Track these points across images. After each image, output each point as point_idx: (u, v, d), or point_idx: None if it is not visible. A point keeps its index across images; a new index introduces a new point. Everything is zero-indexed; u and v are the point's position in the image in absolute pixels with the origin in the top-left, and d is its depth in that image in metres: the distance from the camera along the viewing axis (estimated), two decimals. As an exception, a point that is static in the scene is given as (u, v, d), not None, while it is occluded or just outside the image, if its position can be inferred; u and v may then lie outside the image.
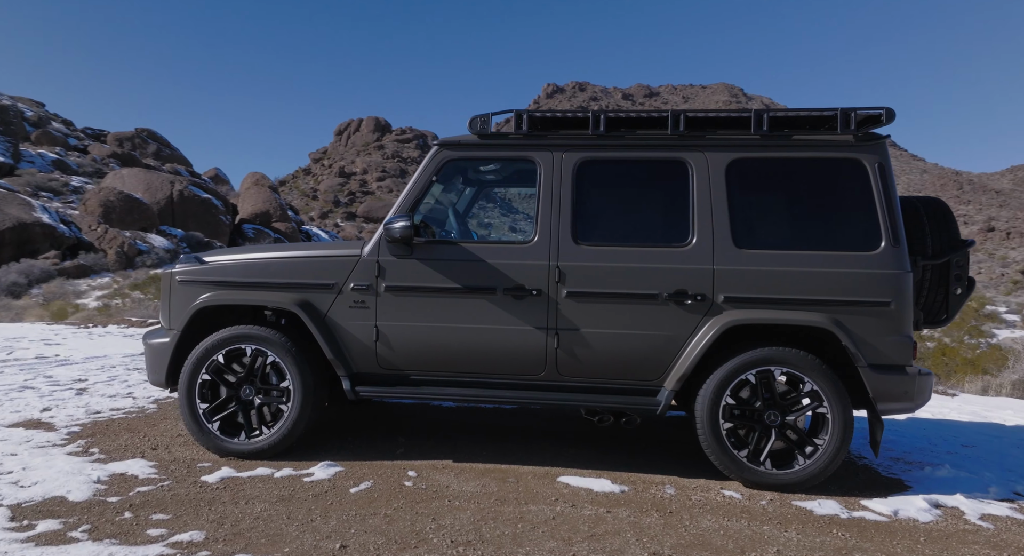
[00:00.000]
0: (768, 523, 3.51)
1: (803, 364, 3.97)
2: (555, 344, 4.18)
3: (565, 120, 4.32)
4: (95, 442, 4.63)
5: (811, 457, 3.97)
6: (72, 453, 4.37)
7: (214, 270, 4.46)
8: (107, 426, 5.07)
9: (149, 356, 4.45)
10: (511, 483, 4.00)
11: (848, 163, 4.13)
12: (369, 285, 4.31)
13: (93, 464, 4.14)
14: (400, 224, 4.13)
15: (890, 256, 4.01)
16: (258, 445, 4.31)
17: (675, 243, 4.17)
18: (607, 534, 3.30)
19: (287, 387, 4.32)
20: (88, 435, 4.80)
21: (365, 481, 3.96)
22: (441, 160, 4.37)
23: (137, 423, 5.18)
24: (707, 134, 4.22)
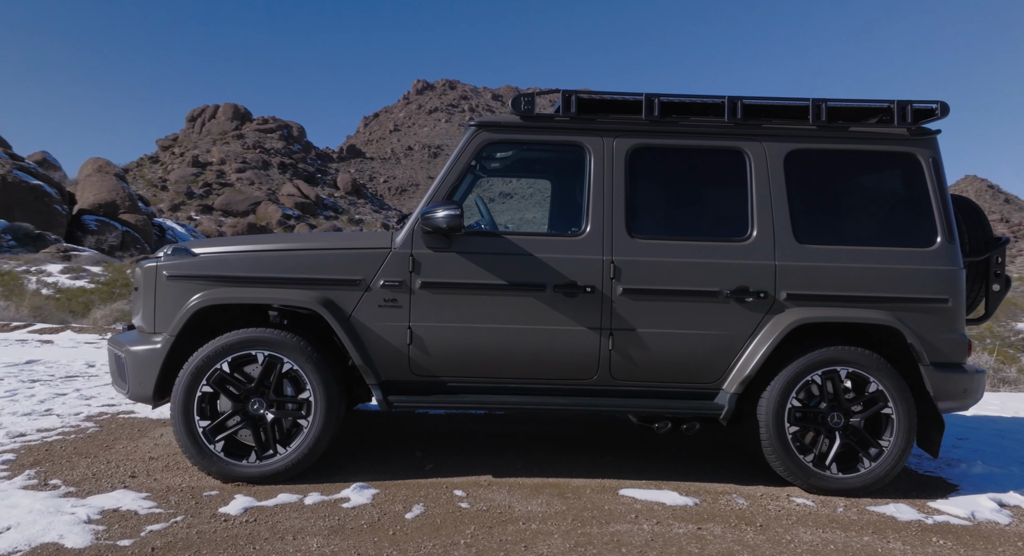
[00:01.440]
0: (865, 533, 3.33)
1: (870, 364, 3.84)
2: (609, 346, 3.85)
3: (616, 103, 4.00)
4: (48, 472, 3.85)
5: (876, 459, 3.85)
6: (29, 487, 3.60)
7: (213, 263, 3.81)
8: (47, 451, 4.26)
9: (131, 365, 3.74)
10: (574, 499, 3.64)
11: (903, 157, 4.05)
12: (402, 281, 3.81)
13: (69, 500, 3.41)
14: (447, 213, 3.66)
15: (946, 252, 3.96)
16: (273, 467, 3.71)
17: (734, 237, 3.94)
18: (721, 555, 3.01)
19: (307, 399, 3.75)
20: (31, 464, 4.00)
21: (415, 504, 3.48)
22: (481, 142, 3.94)
23: (85, 446, 4.39)
24: (764, 123, 4.01)
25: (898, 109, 3.99)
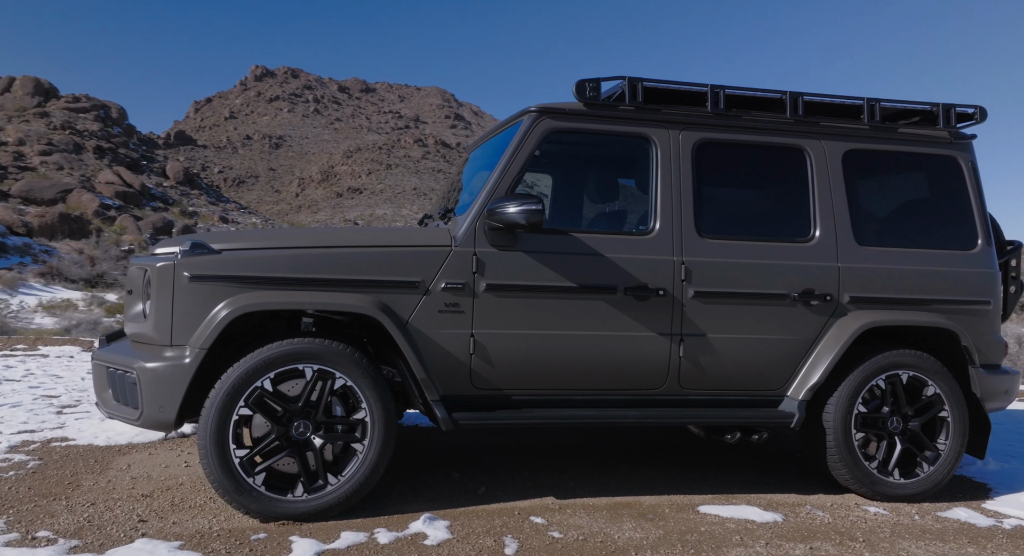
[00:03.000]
0: (964, 544, 3.31)
1: (929, 367, 3.86)
2: (680, 352, 3.62)
3: (680, 94, 3.77)
4: (22, 521, 3.10)
5: (934, 463, 3.87)
6: (12, 543, 2.85)
7: (247, 262, 3.20)
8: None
9: (147, 385, 3.05)
10: (662, 521, 3.38)
11: (946, 160, 4.11)
12: (464, 284, 3.38)
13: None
14: (527, 208, 3.25)
15: (986, 255, 4.06)
16: (324, 501, 3.16)
17: (798, 238, 3.83)
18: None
19: (362, 419, 3.23)
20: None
21: (504, 537, 3.08)
22: (544, 130, 3.57)
23: (42, 485, 3.59)
24: (822, 121, 3.93)
25: (942, 112, 4.04)
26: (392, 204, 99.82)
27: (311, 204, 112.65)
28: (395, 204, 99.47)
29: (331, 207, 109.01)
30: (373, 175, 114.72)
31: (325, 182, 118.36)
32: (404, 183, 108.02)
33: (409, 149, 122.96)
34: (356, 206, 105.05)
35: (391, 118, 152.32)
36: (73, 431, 4.62)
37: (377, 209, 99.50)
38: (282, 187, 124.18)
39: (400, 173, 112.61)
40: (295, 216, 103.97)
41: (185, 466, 3.95)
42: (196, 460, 4.06)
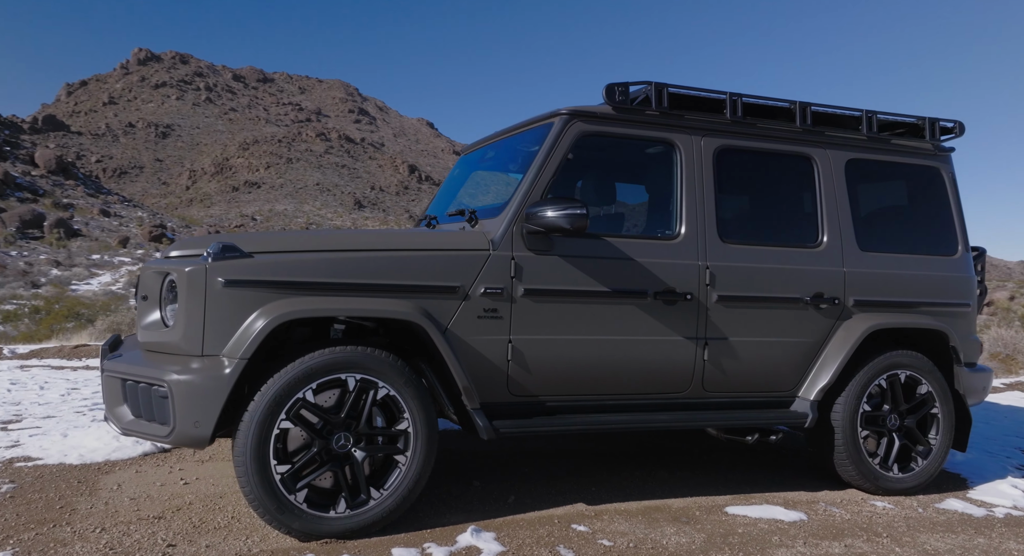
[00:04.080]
0: (972, 534, 3.51)
1: (923, 367, 4.08)
2: (704, 356, 3.68)
3: (701, 100, 3.82)
4: (31, 550, 2.83)
5: (927, 458, 4.09)
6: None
7: (285, 267, 3.02)
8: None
9: (181, 398, 2.82)
10: (698, 524, 3.42)
11: (930, 170, 4.35)
12: (503, 289, 3.31)
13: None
14: (572, 211, 3.20)
15: (966, 261, 4.33)
16: (367, 517, 3.03)
17: (808, 243, 3.97)
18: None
19: (404, 429, 3.11)
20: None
21: (558, 546, 3.04)
22: (576, 133, 3.54)
23: (31, 511, 3.29)
24: (827, 130, 4.09)
25: (928, 125, 4.27)
26: (293, 199, 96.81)
27: (204, 198, 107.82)
28: (296, 199, 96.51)
29: (226, 201, 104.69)
30: (272, 169, 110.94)
31: (219, 175, 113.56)
32: (306, 178, 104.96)
33: (311, 143, 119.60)
34: (254, 201, 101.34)
35: (291, 110, 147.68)
36: (34, 449, 4.22)
37: (277, 204, 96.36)
38: (171, 179, 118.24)
39: (302, 167, 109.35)
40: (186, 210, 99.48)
41: (183, 483, 3.69)
42: (194, 477, 3.80)
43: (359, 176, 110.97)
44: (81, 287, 26.44)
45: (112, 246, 36.74)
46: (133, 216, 54.81)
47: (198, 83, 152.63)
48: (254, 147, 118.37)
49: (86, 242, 36.29)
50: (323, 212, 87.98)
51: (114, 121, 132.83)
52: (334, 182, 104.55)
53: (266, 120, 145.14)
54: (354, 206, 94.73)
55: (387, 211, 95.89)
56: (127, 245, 37.22)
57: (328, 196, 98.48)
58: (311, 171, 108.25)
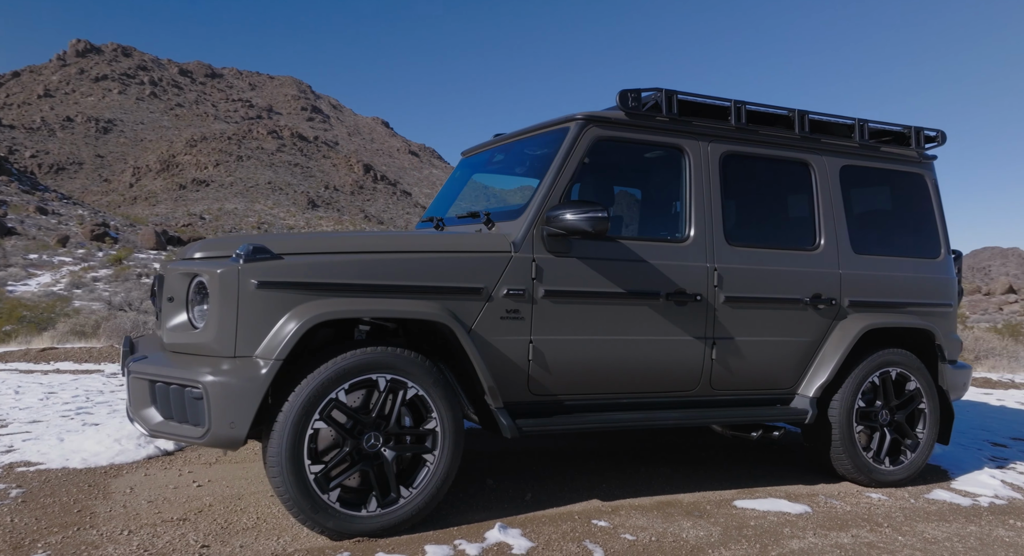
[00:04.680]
0: (964, 523, 3.70)
1: (911, 364, 4.28)
2: (712, 355, 3.81)
3: (707, 107, 3.95)
4: (65, 553, 2.81)
5: (914, 451, 4.29)
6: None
7: (316, 268, 3.04)
8: (7, 529, 3.08)
9: (217, 399, 2.81)
10: (712, 518, 3.54)
11: (915, 177, 4.56)
12: (524, 290, 3.38)
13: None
14: (594, 215, 3.29)
15: (948, 263, 4.56)
16: (398, 515, 3.07)
17: (807, 246, 4.13)
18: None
19: (433, 429, 3.16)
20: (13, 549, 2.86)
21: (584, 542, 3.12)
22: (592, 138, 3.64)
23: (54, 516, 3.27)
24: (823, 138, 4.25)
25: (914, 134, 4.48)
26: (244, 198, 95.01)
27: (149, 196, 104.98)
28: (247, 198, 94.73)
29: (173, 200, 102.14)
30: (222, 166, 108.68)
31: (165, 172, 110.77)
32: (257, 176, 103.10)
33: (263, 140, 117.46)
34: (202, 199, 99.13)
35: (241, 107, 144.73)
36: (32, 454, 4.14)
37: (227, 203, 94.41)
38: (113, 176, 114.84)
39: (253, 165, 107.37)
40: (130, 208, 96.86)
41: (196, 486, 3.67)
42: (206, 479, 3.78)
43: (312, 175, 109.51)
44: (18, 288, 25.55)
45: (51, 245, 35.61)
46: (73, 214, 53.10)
47: (142, 77, 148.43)
48: (202, 144, 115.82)
49: (22, 241, 35.11)
50: (275, 211, 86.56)
51: (50, 115, 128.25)
52: (287, 181, 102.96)
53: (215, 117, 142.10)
54: (307, 205, 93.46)
55: (342, 211, 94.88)
56: (67, 244, 36.10)
57: (280, 195, 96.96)
58: (262, 169, 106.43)
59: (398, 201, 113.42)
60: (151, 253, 51.05)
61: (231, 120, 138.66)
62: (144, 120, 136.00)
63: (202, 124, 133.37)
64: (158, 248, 54.15)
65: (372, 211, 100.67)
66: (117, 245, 53.99)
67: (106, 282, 35.36)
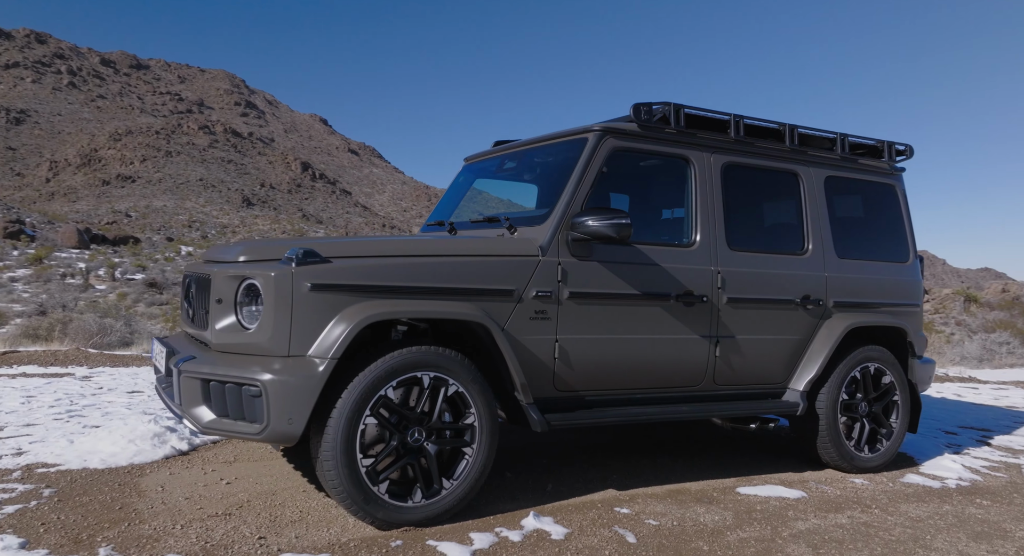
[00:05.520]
0: (938, 503, 4.08)
1: (887, 360, 4.66)
2: (716, 352, 4.09)
3: (708, 120, 4.23)
4: (128, 547, 2.89)
5: (889, 439, 4.67)
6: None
7: (364, 271, 3.18)
8: (63, 526, 3.14)
9: (276, 397, 2.92)
10: (721, 504, 3.82)
11: (888, 187, 4.96)
12: (551, 292, 3.59)
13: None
14: (618, 221, 3.52)
15: (916, 267, 4.97)
16: (441, 505, 3.25)
17: (797, 251, 4.46)
18: (913, 535, 3.49)
19: (471, 424, 3.34)
20: (74, 544, 2.93)
21: (614, 527, 3.35)
22: (609, 148, 3.87)
23: (98, 514, 3.31)
24: (809, 150, 4.59)
25: (887, 147, 4.87)
26: (174, 195, 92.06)
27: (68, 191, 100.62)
28: (177, 195, 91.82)
29: (95, 196, 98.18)
30: (149, 162, 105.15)
31: (86, 167, 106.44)
32: (188, 173, 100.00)
33: (193, 135, 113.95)
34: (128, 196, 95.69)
35: (170, 100, 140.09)
36: (47, 456, 4.12)
37: (155, 200, 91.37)
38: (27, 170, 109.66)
39: (183, 161, 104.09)
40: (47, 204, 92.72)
41: (226, 484, 3.75)
42: (232, 477, 3.86)
43: (247, 172, 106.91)
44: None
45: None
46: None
47: (59, 66, 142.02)
48: (127, 138, 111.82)
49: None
50: (207, 209, 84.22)
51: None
52: (219, 178, 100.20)
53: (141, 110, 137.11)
54: (242, 204, 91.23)
55: (279, 209, 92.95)
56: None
57: (213, 192, 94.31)
58: (194, 165, 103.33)
59: (337, 200, 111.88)
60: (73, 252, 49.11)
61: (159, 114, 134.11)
62: (62, 111, 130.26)
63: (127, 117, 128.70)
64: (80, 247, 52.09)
65: (311, 210, 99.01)
66: (35, 243, 51.59)
67: (25, 282, 33.91)
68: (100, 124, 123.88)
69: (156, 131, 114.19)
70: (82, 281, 35.44)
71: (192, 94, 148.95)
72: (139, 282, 35.90)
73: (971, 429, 6.27)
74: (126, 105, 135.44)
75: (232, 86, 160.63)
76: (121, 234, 61.31)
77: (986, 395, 8.67)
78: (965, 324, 24.47)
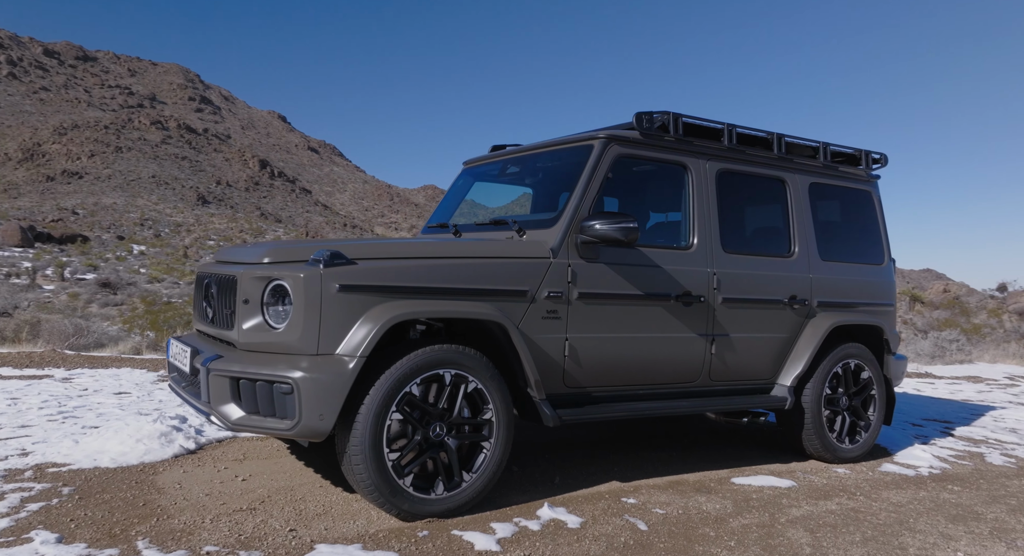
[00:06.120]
0: (915, 489, 4.36)
1: (865, 356, 4.94)
2: (712, 350, 4.30)
3: (703, 129, 4.43)
4: (165, 540, 2.97)
5: (867, 431, 4.95)
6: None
7: (390, 273, 3.31)
8: (96, 522, 3.21)
9: (308, 394, 3.03)
10: (720, 493, 4.03)
11: (865, 193, 5.25)
12: (562, 292, 3.76)
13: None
14: (626, 225, 3.70)
15: (890, 269, 5.27)
16: (461, 497, 3.39)
17: (784, 254, 4.70)
18: (898, 519, 3.74)
19: (489, 419, 3.48)
20: (109, 537, 3.01)
21: (624, 516, 3.53)
22: (614, 155, 4.05)
23: (124, 510, 3.39)
24: (794, 158, 4.83)
25: (864, 155, 5.15)
26: (124, 192, 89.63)
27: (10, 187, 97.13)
28: (128, 192, 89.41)
29: (38, 192, 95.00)
30: (98, 158, 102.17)
31: (29, 162, 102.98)
32: (140, 169, 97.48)
33: (145, 131, 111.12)
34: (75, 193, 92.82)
35: (119, 93, 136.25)
36: (55, 455, 4.14)
37: (104, 197, 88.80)
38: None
39: (134, 157, 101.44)
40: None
41: (242, 481, 3.82)
42: (247, 474, 3.94)
43: (203, 169, 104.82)
44: None
45: None
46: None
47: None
48: (73, 132, 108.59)
49: None
50: (160, 207, 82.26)
51: None
52: (173, 175, 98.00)
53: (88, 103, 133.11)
54: (197, 201, 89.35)
55: (236, 208, 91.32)
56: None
57: (166, 189, 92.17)
58: (146, 162, 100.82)
59: (297, 199, 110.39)
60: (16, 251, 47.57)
61: (108, 108, 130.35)
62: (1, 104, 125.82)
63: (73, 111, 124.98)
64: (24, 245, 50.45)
65: (269, 209, 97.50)
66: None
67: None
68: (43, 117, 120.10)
69: (105, 126, 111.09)
70: (28, 281, 34.44)
71: (143, 88, 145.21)
72: (91, 282, 35.03)
73: (935, 421, 6.62)
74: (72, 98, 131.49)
75: (186, 80, 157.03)
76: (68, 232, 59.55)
77: (942, 389, 9.10)
78: (911, 323, 25.35)
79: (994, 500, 4.19)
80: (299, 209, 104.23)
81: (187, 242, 59.88)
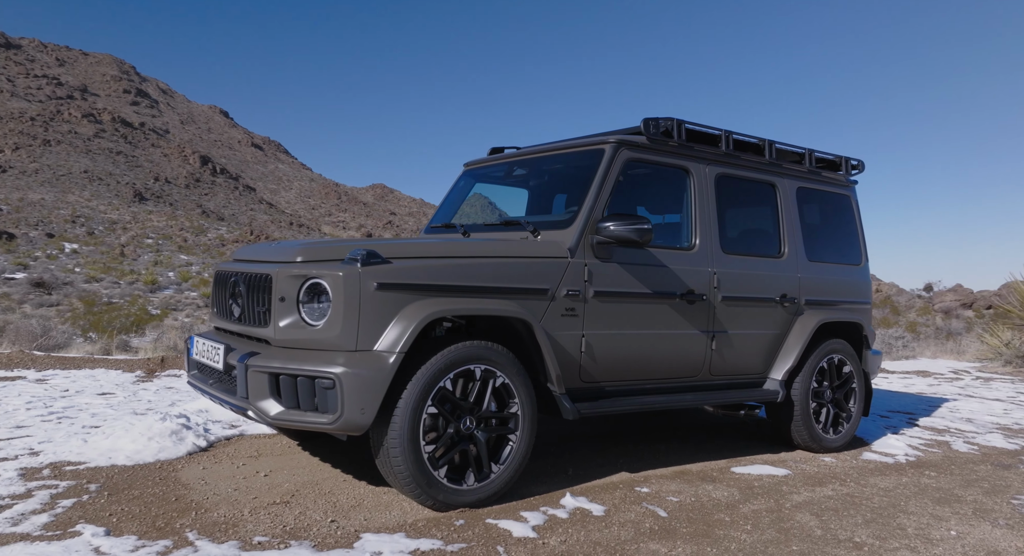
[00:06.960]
0: (896, 475, 4.66)
1: (848, 351, 5.23)
2: (712, 346, 4.52)
3: (703, 135, 4.65)
4: (213, 532, 3.02)
5: (848, 422, 5.25)
6: (256, 546, 2.81)
7: (424, 272, 3.42)
8: (133, 515, 3.23)
9: (351, 389, 3.11)
10: (725, 482, 4.25)
11: (844, 198, 5.56)
12: (579, 291, 3.92)
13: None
14: (642, 227, 3.89)
15: (866, 269, 5.59)
16: (490, 487, 3.53)
17: (775, 254, 4.96)
18: (890, 502, 4.01)
19: (515, 413, 3.62)
20: (155, 528, 3.05)
21: (642, 503, 3.71)
22: (624, 159, 4.23)
23: (159, 504, 3.41)
24: (784, 163, 5.10)
25: (843, 162, 5.46)
26: (53, 188, 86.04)
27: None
28: (58, 188, 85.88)
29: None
30: (23, 151, 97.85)
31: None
32: (71, 164, 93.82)
33: (76, 124, 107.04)
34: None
35: (47, 84, 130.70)
36: (66, 454, 4.10)
37: (31, 193, 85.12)
38: None
39: (64, 151, 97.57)
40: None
41: (264, 476, 3.87)
42: (268, 470, 3.98)
43: (139, 165, 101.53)
44: None
45: None
46: None
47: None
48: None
49: None
50: (94, 203, 79.29)
51: None
52: (107, 170, 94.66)
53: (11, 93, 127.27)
54: (134, 198, 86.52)
55: (175, 205, 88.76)
56: None
57: (100, 185, 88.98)
58: (77, 156, 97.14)
59: (241, 196, 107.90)
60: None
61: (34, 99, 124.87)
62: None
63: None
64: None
65: (211, 206, 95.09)
66: None
67: None
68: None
69: (31, 117, 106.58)
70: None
71: (74, 79, 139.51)
72: (22, 282, 33.69)
73: (900, 413, 7.00)
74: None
75: (120, 72, 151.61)
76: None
77: (897, 383, 9.58)
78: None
79: (968, 483, 4.51)
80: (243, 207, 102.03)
81: (123, 240, 57.95)
